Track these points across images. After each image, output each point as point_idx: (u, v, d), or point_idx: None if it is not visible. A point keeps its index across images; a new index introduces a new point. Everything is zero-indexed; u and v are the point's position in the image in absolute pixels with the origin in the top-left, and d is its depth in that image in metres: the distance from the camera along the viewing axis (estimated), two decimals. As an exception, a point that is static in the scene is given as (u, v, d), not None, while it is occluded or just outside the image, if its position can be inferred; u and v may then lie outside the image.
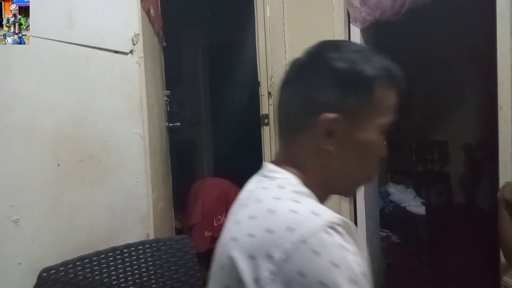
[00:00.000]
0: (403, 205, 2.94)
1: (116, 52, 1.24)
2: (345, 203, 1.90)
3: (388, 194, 3.01)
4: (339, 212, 2.09)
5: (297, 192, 0.54)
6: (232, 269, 0.49)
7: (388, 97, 0.58)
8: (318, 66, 0.57)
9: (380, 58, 0.58)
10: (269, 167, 0.61)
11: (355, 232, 0.51)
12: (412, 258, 2.95)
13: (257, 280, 0.46)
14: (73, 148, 1.13)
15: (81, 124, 1.15)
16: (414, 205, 2.91)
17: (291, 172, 0.58)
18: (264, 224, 0.49)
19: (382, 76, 0.56)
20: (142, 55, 1.31)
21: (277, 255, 0.46)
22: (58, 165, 1.09)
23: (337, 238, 0.46)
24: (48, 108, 1.08)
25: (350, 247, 0.47)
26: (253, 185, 0.61)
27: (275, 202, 0.52)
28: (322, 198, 0.59)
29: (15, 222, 1.00)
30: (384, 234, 2.88)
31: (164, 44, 1.88)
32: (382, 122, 0.58)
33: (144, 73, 1.32)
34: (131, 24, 1.29)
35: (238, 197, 0.61)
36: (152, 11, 1.55)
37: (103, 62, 1.20)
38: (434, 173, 4.27)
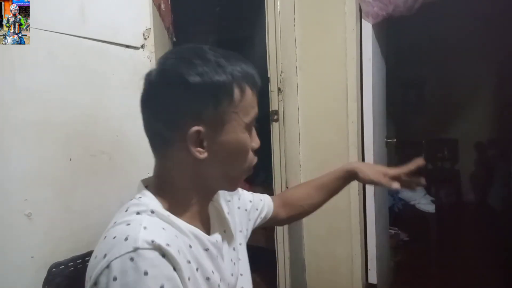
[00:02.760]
0: (412, 202, 2.92)
1: (128, 46, 1.24)
2: (355, 200, 1.89)
3: (398, 192, 2.99)
4: (348, 211, 2.06)
5: (139, 212, 0.58)
6: None
7: (246, 96, 0.62)
8: (174, 83, 0.58)
9: (232, 61, 0.61)
10: (138, 184, 0.67)
11: (187, 254, 0.57)
12: (421, 257, 2.93)
13: None
14: (85, 143, 1.13)
15: (93, 119, 1.15)
16: (424, 203, 2.88)
17: (151, 190, 0.63)
18: (96, 250, 0.55)
19: (235, 80, 0.60)
20: (153, 50, 1.30)
21: (92, 278, 0.52)
22: (70, 160, 1.09)
23: (140, 264, 0.50)
24: (61, 103, 1.08)
25: (157, 271, 0.50)
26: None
27: (111, 228, 0.57)
28: (204, 199, 0.67)
29: (28, 216, 1.01)
30: (393, 232, 2.87)
31: (174, 39, 1.88)
32: (246, 120, 0.63)
33: (155, 68, 1.32)
34: (143, 19, 1.29)
35: None
36: (162, 6, 1.54)
37: (115, 57, 1.20)
38: (444, 171, 4.22)
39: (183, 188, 0.63)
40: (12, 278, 0.99)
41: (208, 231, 0.68)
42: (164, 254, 0.52)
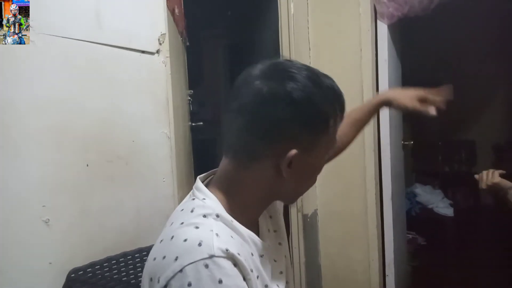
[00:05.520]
0: (430, 206, 2.85)
1: (143, 52, 1.24)
2: (372, 204, 1.85)
3: (415, 195, 2.92)
4: (365, 215, 2.02)
5: (206, 215, 0.57)
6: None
7: (336, 123, 0.62)
8: (283, 105, 0.56)
9: (325, 79, 0.61)
10: (197, 184, 0.65)
11: (251, 263, 0.57)
12: (439, 262, 2.87)
13: None
14: (101, 148, 1.13)
15: (109, 124, 1.15)
16: (442, 206, 2.82)
17: (215, 193, 0.62)
18: (163, 249, 0.55)
19: (333, 106, 0.60)
20: (168, 55, 1.31)
21: (162, 280, 0.51)
22: (87, 165, 1.09)
23: (215, 272, 0.50)
24: (78, 110, 1.08)
25: (230, 281, 0.51)
26: (183, 202, 0.65)
27: (178, 229, 0.56)
28: (264, 207, 0.67)
29: (46, 223, 1.01)
30: (410, 236, 2.81)
31: (188, 43, 1.88)
32: (331, 146, 0.63)
33: (170, 73, 1.32)
34: (157, 24, 1.29)
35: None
36: (176, 11, 1.54)
37: (131, 63, 1.20)
38: (461, 174, 4.13)
39: (252, 196, 0.63)
40: (30, 284, 0.99)
41: (257, 235, 0.67)
42: (236, 263, 0.53)
